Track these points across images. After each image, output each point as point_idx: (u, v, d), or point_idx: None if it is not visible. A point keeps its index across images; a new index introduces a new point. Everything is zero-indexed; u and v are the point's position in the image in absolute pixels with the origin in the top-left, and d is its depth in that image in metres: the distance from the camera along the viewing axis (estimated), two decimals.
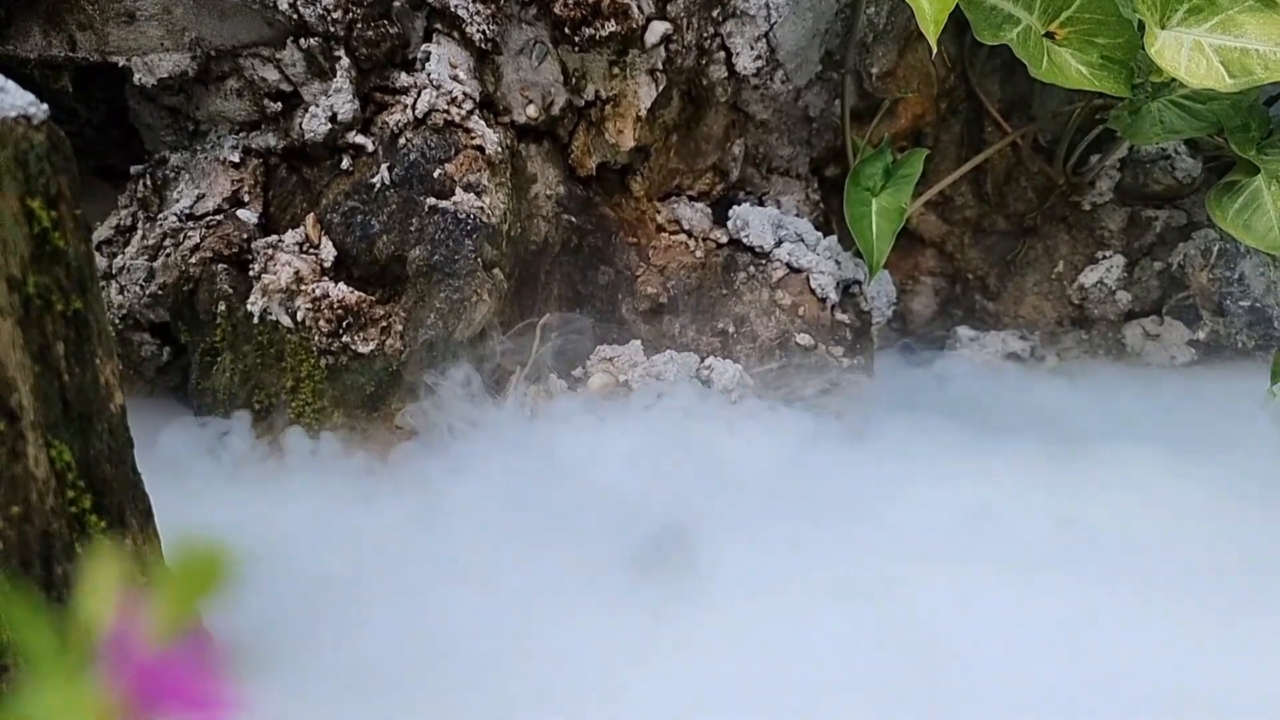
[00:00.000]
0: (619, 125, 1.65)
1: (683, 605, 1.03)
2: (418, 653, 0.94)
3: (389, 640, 0.95)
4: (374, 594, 1.06)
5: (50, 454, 0.73)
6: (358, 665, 0.91)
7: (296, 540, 1.20)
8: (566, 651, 0.94)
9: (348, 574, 1.11)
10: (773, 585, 1.07)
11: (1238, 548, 1.22)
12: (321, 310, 1.44)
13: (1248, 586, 1.14)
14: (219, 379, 1.54)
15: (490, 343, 1.59)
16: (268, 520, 1.19)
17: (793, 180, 1.95)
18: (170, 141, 1.59)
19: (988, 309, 2.21)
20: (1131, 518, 1.29)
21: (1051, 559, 1.17)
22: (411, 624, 1.01)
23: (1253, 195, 1.77)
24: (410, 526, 1.25)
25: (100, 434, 0.81)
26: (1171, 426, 1.64)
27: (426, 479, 1.43)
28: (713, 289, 1.80)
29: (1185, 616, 1.07)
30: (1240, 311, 2.03)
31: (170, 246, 1.54)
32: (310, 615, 1.00)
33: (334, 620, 1.02)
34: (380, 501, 1.29)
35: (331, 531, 1.27)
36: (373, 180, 1.48)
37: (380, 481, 1.38)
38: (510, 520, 1.26)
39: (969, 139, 2.12)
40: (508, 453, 1.53)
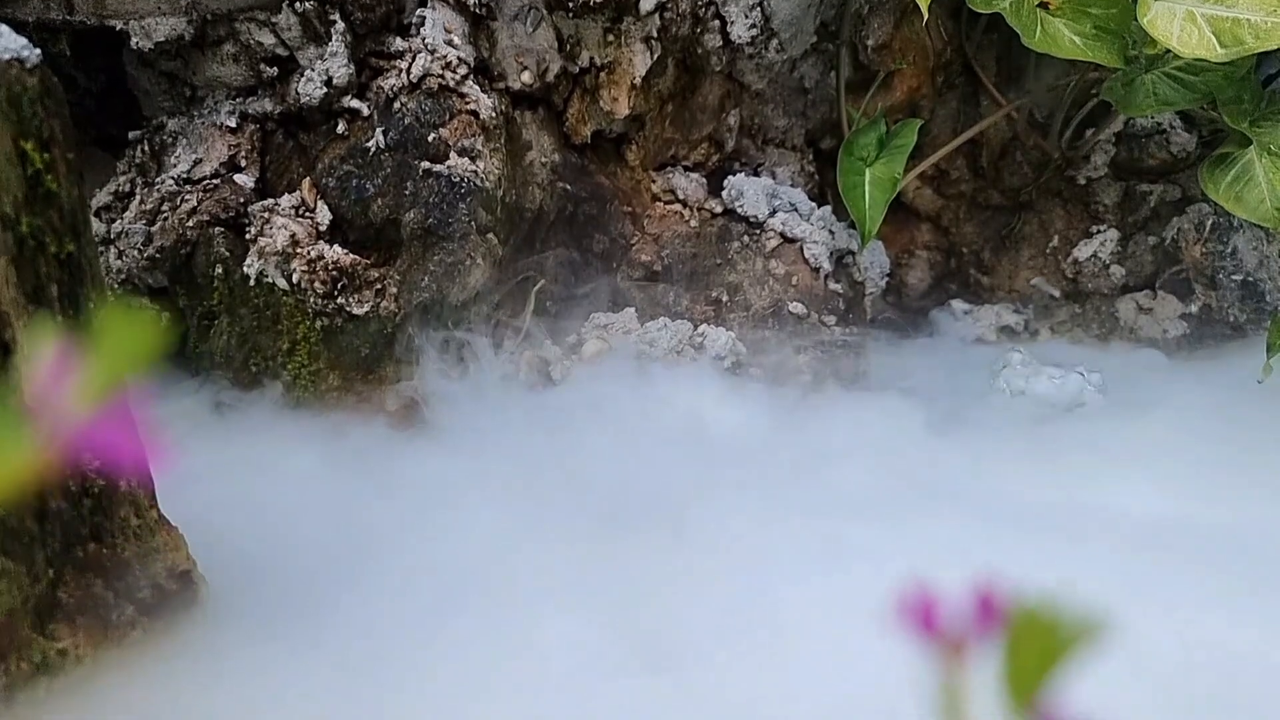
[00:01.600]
0: (614, 93, 1.66)
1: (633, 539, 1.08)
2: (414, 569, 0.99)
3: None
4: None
5: None
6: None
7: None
8: (529, 572, 0.99)
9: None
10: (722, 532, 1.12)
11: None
12: (317, 272, 1.46)
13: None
14: (216, 342, 1.56)
15: (485, 308, 1.61)
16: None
17: (788, 152, 1.96)
18: (167, 107, 1.61)
19: (982, 283, 2.22)
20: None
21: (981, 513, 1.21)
22: (410, 551, 1.05)
23: (1245, 168, 1.78)
24: (398, 483, 1.27)
25: None
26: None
27: (417, 441, 1.44)
28: (707, 258, 1.81)
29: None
30: (1233, 285, 2.04)
31: (168, 210, 1.55)
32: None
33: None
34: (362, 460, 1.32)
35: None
36: (368, 144, 1.49)
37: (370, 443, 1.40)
38: (500, 478, 1.28)
39: (965, 113, 2.13)
40: (497, 417, 1.54)
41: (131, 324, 0.19)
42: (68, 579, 0.76)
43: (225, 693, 0.74)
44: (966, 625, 0.18)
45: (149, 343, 0.19)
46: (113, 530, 0.83)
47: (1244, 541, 1.13)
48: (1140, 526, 1.17)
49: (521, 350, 1.67)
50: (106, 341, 0.19)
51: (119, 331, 0.19)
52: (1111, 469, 1.34)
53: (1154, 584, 1.00)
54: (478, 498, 1.21)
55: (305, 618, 0.87)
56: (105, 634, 0.75)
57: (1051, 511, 1.22)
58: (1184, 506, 1.23)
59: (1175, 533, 1.16)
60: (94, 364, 0.19)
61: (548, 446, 1.43)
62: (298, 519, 1.14)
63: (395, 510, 1.24)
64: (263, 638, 0.83)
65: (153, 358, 0.19)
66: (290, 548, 1.03)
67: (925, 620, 0.19)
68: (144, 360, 0.19)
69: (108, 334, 0.19)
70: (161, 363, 1.69)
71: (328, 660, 0.80)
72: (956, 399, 1.70)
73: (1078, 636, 0.18)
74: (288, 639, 0.83)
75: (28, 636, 0.71)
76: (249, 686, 0.76)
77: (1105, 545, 1.11)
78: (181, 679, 0.75)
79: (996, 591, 0.19)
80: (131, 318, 0.19)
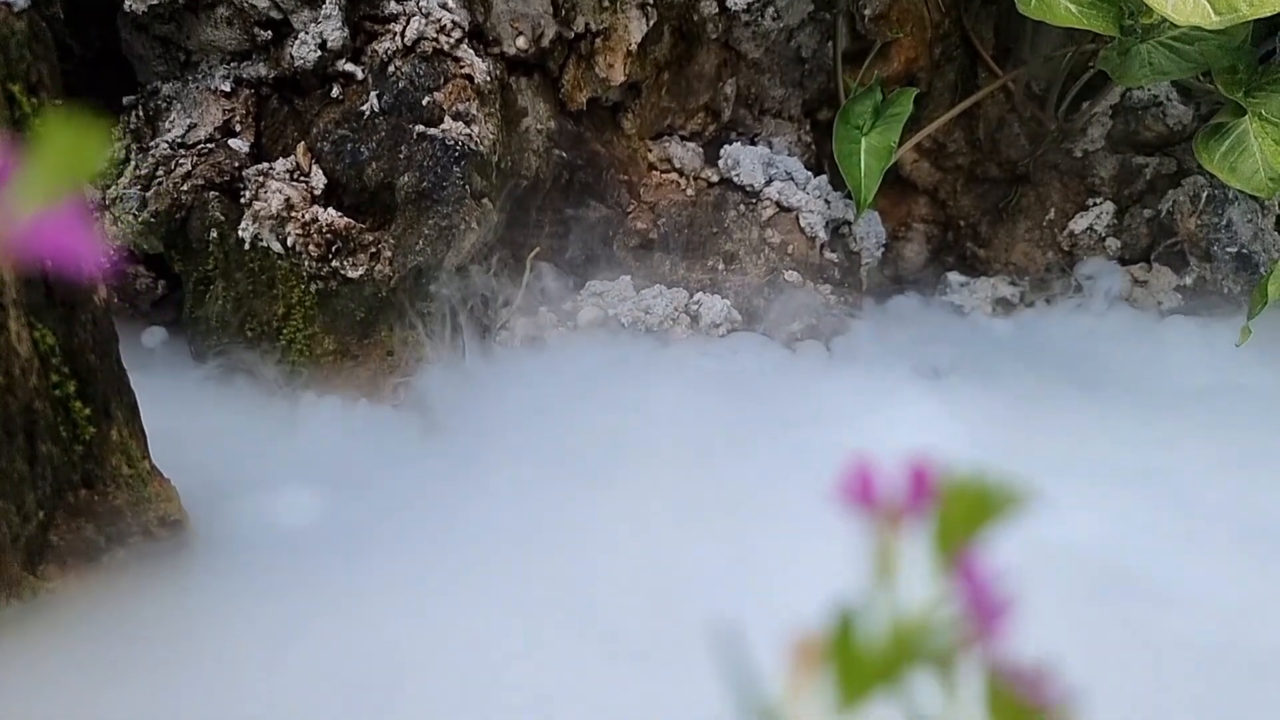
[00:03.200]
0: (609, 59, 1.65)
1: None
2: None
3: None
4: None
5: (33, 335, 0.75)
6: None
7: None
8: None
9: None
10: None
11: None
12: (311, 235, 1.46)
13: None
14: (211, 307, 1.56)
15: (481, 274, 1.61)
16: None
17: (785, 122, 1.95)
18: (162, 72, 1.60)
19: (979, 255, 2.22)
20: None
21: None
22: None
23: (1239, 138, 1.78)
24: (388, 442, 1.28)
25: (84, 324, 0.82)
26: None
27: (410, 405, 1.45)
28: (703, 227, 1.81)
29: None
30: (1227, 257, 2.04)
31: (162, 175, 1.55)
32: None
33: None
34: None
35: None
36: (362, 108, 1.49)
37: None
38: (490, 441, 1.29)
39: (962, 85, 2.12)
40: (491, 384, 1.55)
41: (75, 133, 0.19)
42: (59, 522, 0.77)
43: (212, 630, 0.75)
44: (901, 497, 0.19)
45: (92, 152, 0.19)
46: (104, 478, 0.84)
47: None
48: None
49: (516, 317, 1.67)
50: (50, 148, 0.19)
51: (62, 139, 0.19)
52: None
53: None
54: (460, 461, 1.22)
55: (295, 567, 0.88)
56: (95, 576, 0.76)
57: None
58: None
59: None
60: (38, 168, 0.19)
61: (543, 409, 1.44)
62: (290, 480, 1.14)
63: (385, 476, 1.25)
64: (252, 585, 0.83)
65: (95, 168, 0.20)
66: (282, 505, 1.04)
67: (863, 492, 0.19)
68: (87, 169, 0.19)
69: (51, 141, 0.19)
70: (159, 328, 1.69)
71: (317, 608, 0.81)
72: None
73: (1002, 505, 0.18)
74: (276, 585, 0.84)
75: (18, 574, 0.72)
76: (233, 625, 0.76)
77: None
78: (170, 616, 0.76)
79: (930, 466, 0.19)
80: (75, 127, 0.19)
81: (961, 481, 0.17)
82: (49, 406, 0.76)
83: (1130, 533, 1.08)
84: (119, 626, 0.72)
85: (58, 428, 0.78)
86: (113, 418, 0.86)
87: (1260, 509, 1.19)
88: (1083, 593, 0.95)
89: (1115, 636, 0.89)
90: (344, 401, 1.49)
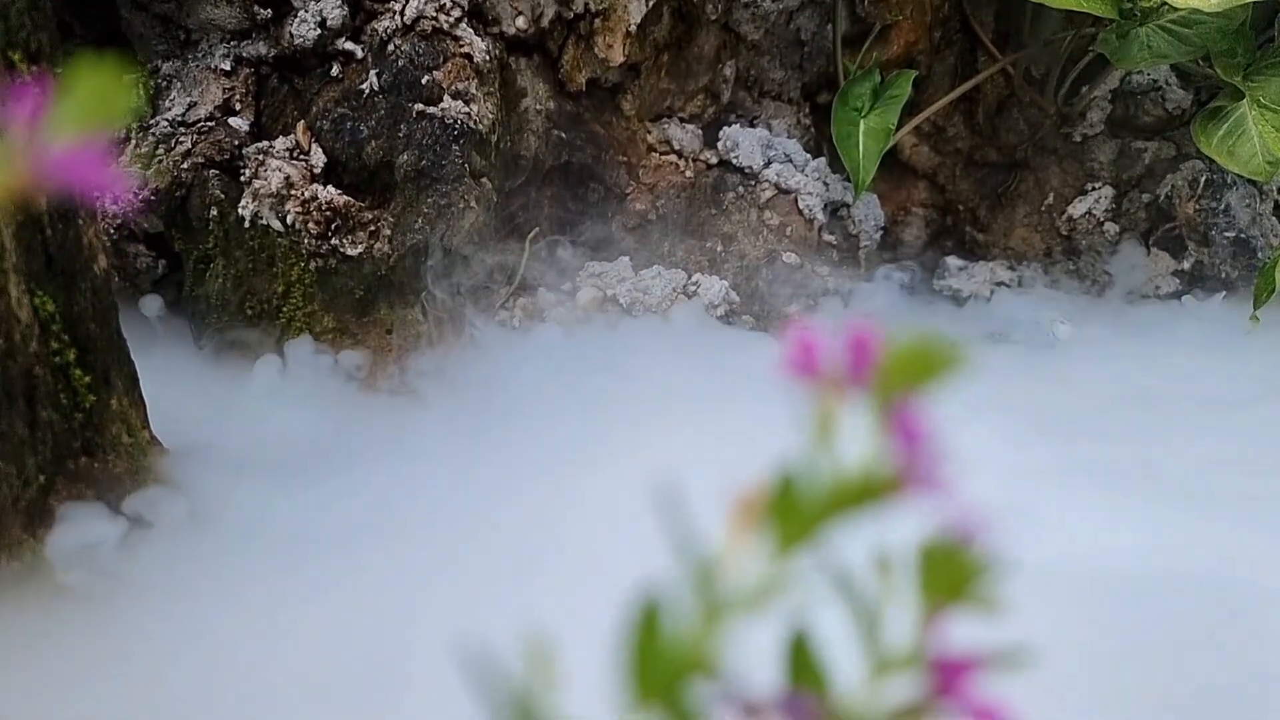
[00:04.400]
0: (608, 40, 1.66)
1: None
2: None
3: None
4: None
5: (33, 301, 0.76)
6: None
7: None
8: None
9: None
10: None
11: None
12: (310, 212, 1.47)
13: None
14: (211, 285, 1.57)
15: (480, 254, 1.62)
16: None
17: (784, 105, 1.96)
18: (162, 51, 1.61)
19: (977, 240, 2.22)
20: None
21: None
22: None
23: (1238, 122, 1.79)
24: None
25: (84, 292, 0.83)
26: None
27: (407, 383, 1.46)
28: (702, 208, 1.82)
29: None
30: (1225, 242, 2.05)
31: (162, 153, 1.56)
32: None
33: None
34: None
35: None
36: (362, 87, 1.50)
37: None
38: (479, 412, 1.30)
39: (962, 69, 2.13)
40: (489, 364, 1.56)
41: (103, 77, 0.20)
42: (59, 488, 0.78)
43: (211, 594, 0.76)
44: (843, 366, 0.20)
45: (119, 95, 0.20)
46: (104, 446, 0.85)
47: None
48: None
49: (515, 297, 1.68)
50: (79, 90, 0.20)
51: (91, 83, 0.20)
52: None
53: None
54: (449, 434, 1.24)
55: (286, 531, 0.89)
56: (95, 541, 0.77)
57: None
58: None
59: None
60: (67, 107, 0.20)
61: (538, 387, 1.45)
62: (286, 448, 1.15)
63: (378, 446, 1.26)
64: (245, 549, 0.85)
65: (121, 111, 0.20)
66: (278, 472, 1.05)
67: (806, 362, 0.20)
68: (114, 111, 0.20)
69: (80, 84, 0.20)
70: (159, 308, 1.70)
71: (307, 572, 0.82)
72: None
73: (941, 364, 0.19)
74: (267, 551, 0.85)
75: (18, 536, 0.73)
76: (232, 589, 0.78)
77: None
78: (167, 580, 0.77)
79: (871, 334, 0.20)
80: (103, 72, 0.20)
81: (902, 343, 0.18)
82: (49, 373, 0.77)
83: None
84: (118, 588, 0.74)
85: (58, 395, 0.79)
86: (112, 386, 0.87)
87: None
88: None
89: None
90: (345, 378, 1.50)
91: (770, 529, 0.16)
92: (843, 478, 0.16)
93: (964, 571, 0.21)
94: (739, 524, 0.16)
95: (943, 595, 0.21)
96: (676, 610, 0.15)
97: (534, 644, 0.15)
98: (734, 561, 0.16)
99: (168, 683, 0.71)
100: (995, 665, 0.20)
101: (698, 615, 0.15)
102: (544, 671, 0.14)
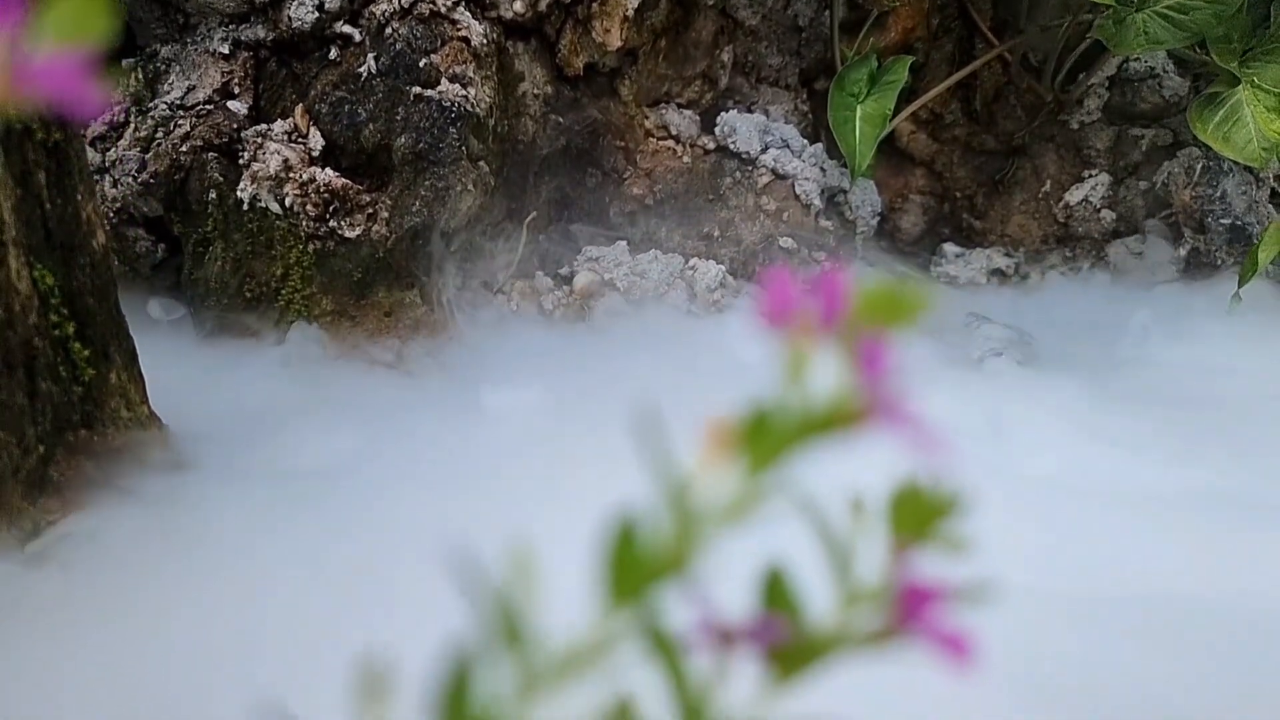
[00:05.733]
0: (606, 24, 1.66)
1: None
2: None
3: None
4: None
5: (33, 274, 0.76)
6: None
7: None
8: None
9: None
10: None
11: None
12: (309, 195, 1.47)
13: None
14: (211, 268, 1.58)
15: (478, 238, 1.63)
16: None
17: (782, 91, 1.96)
18: (161, 35, 1.62)
19: (974, 227, 2.23)
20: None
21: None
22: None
23: (1233, 108, 1.79)
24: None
25: (83, 267, 0.84)
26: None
27: (405, 364, 1.47)
28: (699, 193, 1.82)
29: None
30: (1221, 229, 2.05)
31: (161, 136, 1.56)
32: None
33: None
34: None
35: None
36: (360, 70, 1.51)
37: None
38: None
39: (960, 57, 2.13)
40: (486, 347, 1.57)
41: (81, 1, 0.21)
42: (59, 459, 0.78)
43: (208, 560, 0.77)
44: (817, 311, 0.20)
45: (99, 15, 0.21)
46: (103, 419, 0.85)
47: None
48: None
49: (513, 280, 1.69)
50: (59, 8, 0.21)
51: (71, 3, 0.21)
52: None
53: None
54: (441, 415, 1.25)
55: (283, 503, 0.90)
56: (95, 511, 0.78)
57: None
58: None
59: None
60: (47, 18, 0.21)
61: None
62: (283, 427, 1.16)
63: (377, 433, 1.27)
64: (248, 520, 0.86)
65: (100, 30, 0.21)
66: (275, 448, 1.06)
67: (781, 306, 0.20)
68: (93, 25, 0.21)
69: (60, 3, 0.21)
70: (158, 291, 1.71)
71: (300, 539, 0.83)
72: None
73: (908, 307, 0.20)
74: (263, 521, 0.86)
75: (19, 505, 0.74)
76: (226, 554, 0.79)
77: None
78: (167, 546, 0.78)
79: (842, 279, 0.21)
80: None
81: (871, 287, 0.19)
82: (48, 345, 0.77)
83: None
84: (118, 553, 0.75)
85: (57, 367, 0.79)
86: (111, 361, 0.88)
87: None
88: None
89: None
90: (343, 359, 1.51)
91: (742, 453, 0.17)
92: (811, 407, 0.17)
93: (932, 511, 0.22)
94: (713, 449, 0.17)
95: (911, 533, 0.22)
96: (653, 523, 0.16)
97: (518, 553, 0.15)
98: (707, 481, 0.16)
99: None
100: (961, 598, 0.21)
101: (672, 527, 0.16)
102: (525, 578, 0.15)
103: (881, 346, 0.18)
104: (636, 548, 0.15)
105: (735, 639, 0.20)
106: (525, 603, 0.15)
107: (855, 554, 0.21)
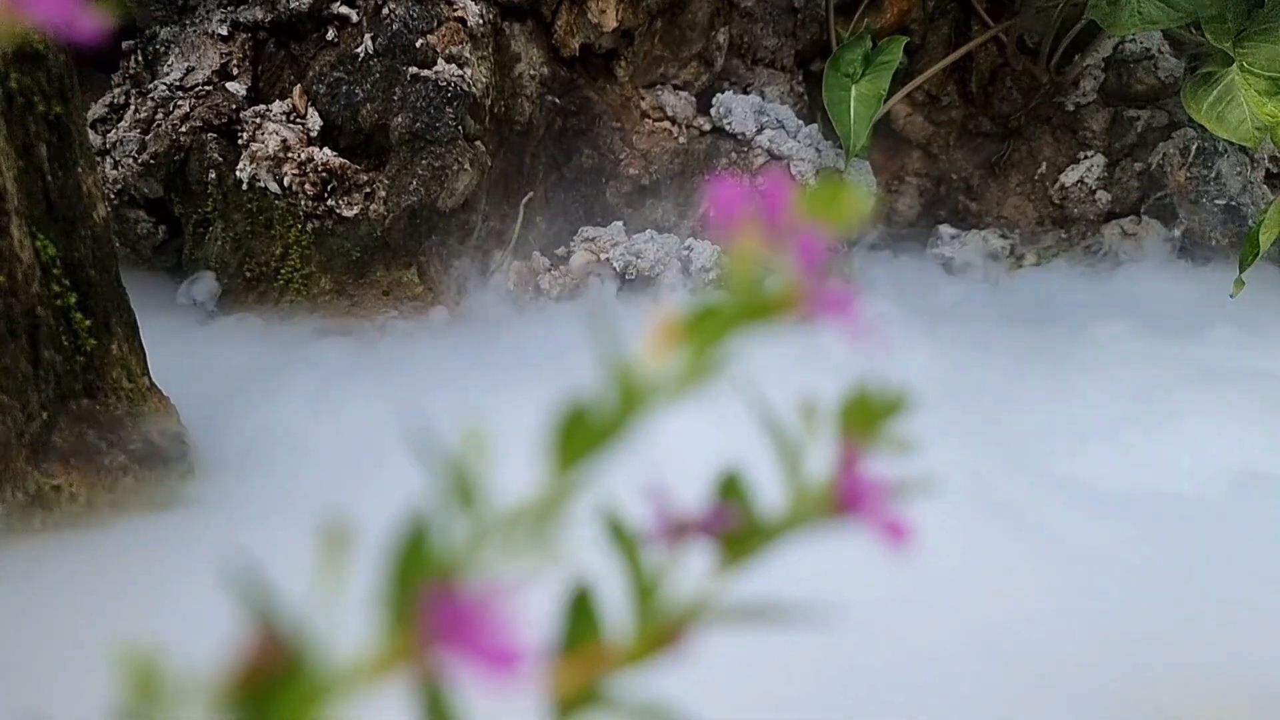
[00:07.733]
0: (602, 5, 1.67)
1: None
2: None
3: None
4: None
5: (35, 244, 0.78)
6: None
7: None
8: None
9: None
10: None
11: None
12: (307, 174, 1.49)
13: None
14: (211, 248, 1.59)
15: (475, 217, 1.64)
16: None
17: (777, 72, 1.97)
18: (160, 17, 1.63)
19: (970, 209, 2.24)
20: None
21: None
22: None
23: (1227, 88, 1.80)
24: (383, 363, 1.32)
25: (84, 239, 0.85)
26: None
27: (402, 343, 1.48)
28: (694, 174, 1.84)
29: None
30: (1215, 209, 2.06)
31: (161, 117, 1.58)
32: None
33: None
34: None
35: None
36: (357, 51, 1.52)
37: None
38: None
39: (956, 39, 2.14)
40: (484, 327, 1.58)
41: None
42: (62, 426, 0.80)
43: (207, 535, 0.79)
44: (760, 211, 0.22)
45: None
46: (105, 389, 0.87)
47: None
48: None
49: (510, 260, 1.70)
50: None
51: None
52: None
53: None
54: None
55: (283, 484, 0.92)
56: (97, 476, 0.79)
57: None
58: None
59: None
60: None
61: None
62: (282, 406, 1.18)
63: (369, 404, 1.29)
64: (244, 497, 0.87)
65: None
66: (274, 428, 1.07)
67: (728, 208, 0.22)
68: None
69: None
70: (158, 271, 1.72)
71: (298, 518, 0.84)
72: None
73: (846, 206, 0.21)
74: (265, 499, 0.87)
75: (23, 469, 0.75)
76: (228, 530, 0.80)
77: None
78: (169, 519, 0.80)
79: (785, 183, 0.22)
80: None
81: (812, 189, 0.20)
82: (51, 314, 0.79)
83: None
84: (119, 516, 0.76)
85: (59, 336, 0.81)
86: (113, 333, 0.89)
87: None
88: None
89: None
90: (340, 338, 1.52)
91: (686, 338, 0.18)
92: (751, 297, 0.18)
93: (879, 411, 0.23)
94: (659, 337, 0.18)
95: (859, 432, 0.23)
96: (600, 398, 0.17)
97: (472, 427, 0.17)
98: (652, 363, 0.18)
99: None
100: (903, 491, 0.23)
101: (616, 399, 0.17)
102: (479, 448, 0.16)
103: (820, 241, 0.20)
104: (583, 416, 0.17)
105: (689, 529, 0.21)
106: (478, 469, 0.16)
107: (805, 453, 0.23)
